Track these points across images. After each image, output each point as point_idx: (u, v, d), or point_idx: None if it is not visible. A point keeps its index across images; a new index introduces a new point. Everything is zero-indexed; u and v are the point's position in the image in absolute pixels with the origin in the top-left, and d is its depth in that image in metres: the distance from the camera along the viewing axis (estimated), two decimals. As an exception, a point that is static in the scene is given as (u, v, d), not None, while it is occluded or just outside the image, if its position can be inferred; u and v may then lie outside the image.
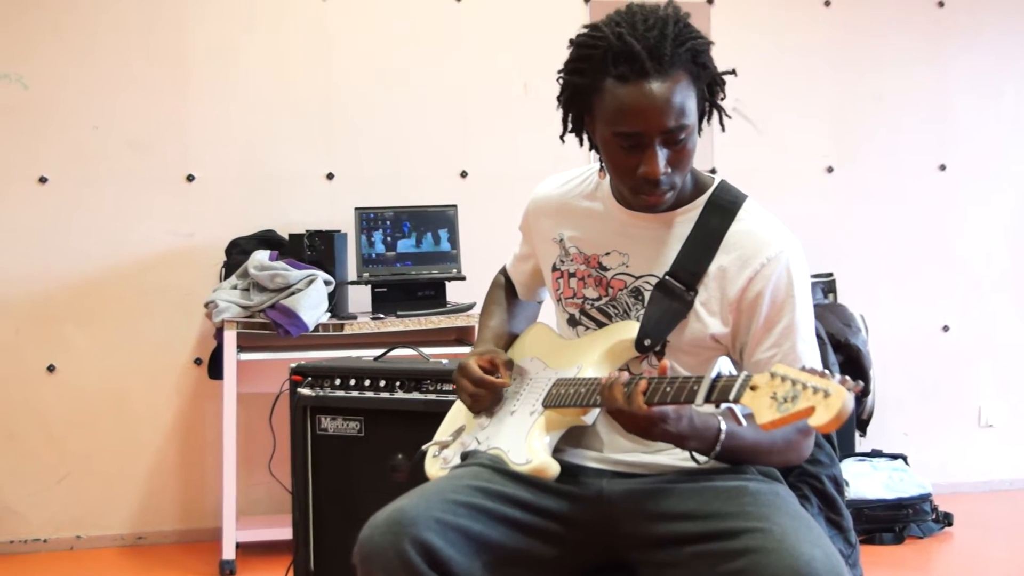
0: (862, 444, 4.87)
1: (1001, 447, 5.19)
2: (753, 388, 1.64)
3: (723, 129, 2.05)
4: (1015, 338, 5.21)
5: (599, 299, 2.11)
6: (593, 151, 2.06)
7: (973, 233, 5.19)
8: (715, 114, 2.02)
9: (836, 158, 5.07)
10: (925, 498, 4.48)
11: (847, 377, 1.54)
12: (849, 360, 4.56)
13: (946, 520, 4.51)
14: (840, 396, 1.50)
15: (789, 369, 1.61)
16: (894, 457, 4.68)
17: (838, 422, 1.50)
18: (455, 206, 4.47)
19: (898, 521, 4.41)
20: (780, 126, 5.00)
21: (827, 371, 1.57)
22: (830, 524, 2.18)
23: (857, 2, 5.08)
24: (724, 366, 1.72)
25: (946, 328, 5.17)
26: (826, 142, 5.07)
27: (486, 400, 2.17)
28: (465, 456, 2.12)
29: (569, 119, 2.04)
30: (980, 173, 5.19)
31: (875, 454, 4.72)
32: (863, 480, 4.45)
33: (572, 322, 2.16)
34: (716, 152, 4.74)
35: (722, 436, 1.87)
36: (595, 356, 2.07)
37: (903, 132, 5.12)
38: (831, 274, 4.97)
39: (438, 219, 4.45)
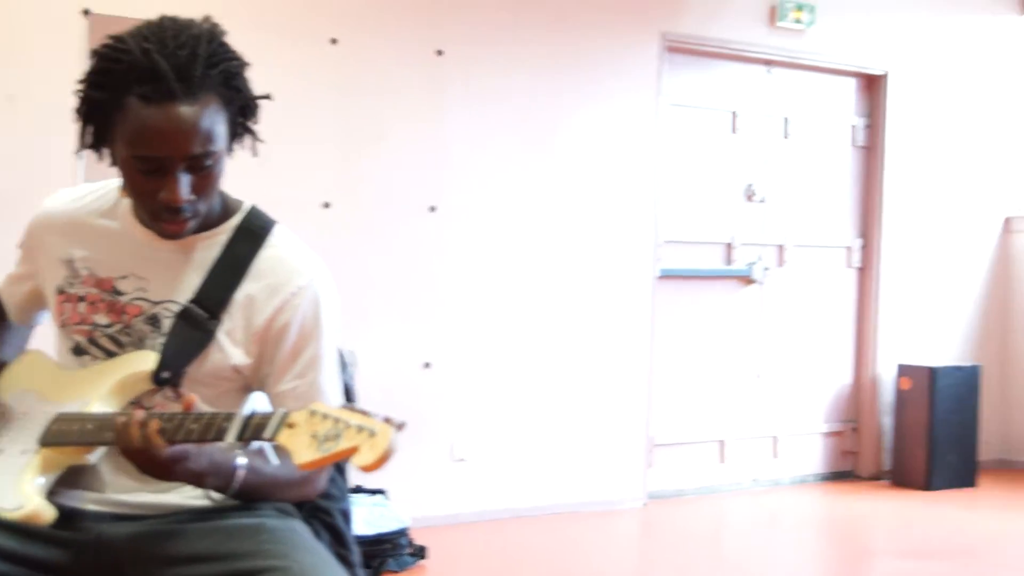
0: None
1: (471, 480, 5.45)
2: (291, 426, 1.57)
3: (255, 154, 2.01)
4: (487, 374, 5.49)
5: (110, 326, 1.94)
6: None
7: (457, 272, 5.42)
8: (246, 138, 1.97)
9: (335, 194, 5.10)
10: (402, 532, 4.59)
11: (390, 416, 1.53)
12: (336, 395, 4.59)
13: (420, 553, 4.65)
14: (387, 435, 1.49)
15: (330, 407, 1.57)
16: (374, 492, 4.76)
17: (383, 461, 1.49)
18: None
19: (376, 556, 4.46)
20: (280, 157, 4.94)
21: (368, 410, 1.55)
22: (339, 559, 2.16)
23: (361, 44, 5.15)
24: (258, 402, 1.64)
25: (428, 365, 5.36)
26: (325, 178, 5.09)
27: None
28: (-58, 503, 1.86)
29: (88, 133, 1.87)
30: (466, 215, 5.42)
31: (357, 490, 4.76)
32: (346, 516, 4.48)
33: (78, 351, 1.96)
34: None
35: (239, 471, 1.79)
36: (104, 389, 1.89)
37: (399, 173, 5.26)
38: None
39: None
